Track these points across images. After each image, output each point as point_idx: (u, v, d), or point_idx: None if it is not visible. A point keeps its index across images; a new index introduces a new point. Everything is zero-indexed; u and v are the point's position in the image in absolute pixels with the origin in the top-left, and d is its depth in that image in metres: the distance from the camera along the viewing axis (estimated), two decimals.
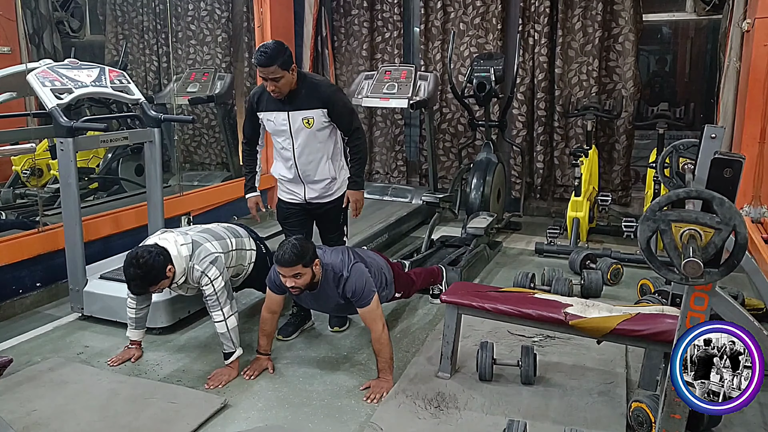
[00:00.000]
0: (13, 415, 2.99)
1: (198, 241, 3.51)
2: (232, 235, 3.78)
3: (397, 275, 3.87)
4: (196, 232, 3.63)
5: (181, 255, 3.39)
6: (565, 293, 4.27)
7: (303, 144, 3.68)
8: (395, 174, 7.51)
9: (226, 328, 3.39)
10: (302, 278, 3.17)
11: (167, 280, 3.34)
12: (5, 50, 6.60)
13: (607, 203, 5.82)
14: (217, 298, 3.39)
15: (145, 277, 3.25)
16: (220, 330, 3.40)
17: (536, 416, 2.95)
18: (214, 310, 3.40)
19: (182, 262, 3.39)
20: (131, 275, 3.25)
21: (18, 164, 6.27)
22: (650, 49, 7.07)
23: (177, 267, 3.36)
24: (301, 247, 3.15)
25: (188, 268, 3.42)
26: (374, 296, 3.29)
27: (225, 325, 3.39)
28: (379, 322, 3.27)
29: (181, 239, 3.46)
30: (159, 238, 3.46)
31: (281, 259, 3.13)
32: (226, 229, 3.83)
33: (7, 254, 4.28)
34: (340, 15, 7.47)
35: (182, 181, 6.52)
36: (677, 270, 2.11)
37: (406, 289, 4.02)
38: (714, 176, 2.20)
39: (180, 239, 3.45)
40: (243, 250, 3.81)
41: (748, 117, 5.14)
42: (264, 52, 3.41)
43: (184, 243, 3.44)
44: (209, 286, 3.38)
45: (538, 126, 6.74)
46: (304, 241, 3.23)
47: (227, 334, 3.40)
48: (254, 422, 3.00)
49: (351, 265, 3.34)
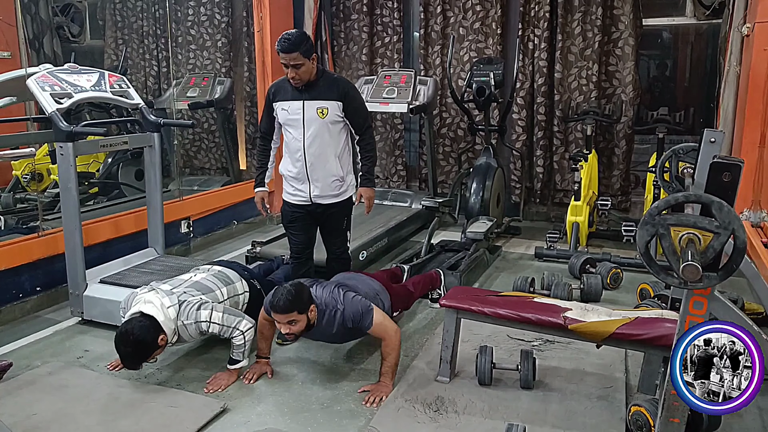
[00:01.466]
0: (13, 419, 2.99)
1: (185, 300, 3.40)
2: (223, 284, 3.70)
3: (393, 293, 3.84)
4: (185, 288, 3.52)
5: (169, 318, 3.29)
6: (565, 297, 4.27)
7: (314, 135, 3.71)
8: (395, 178, 7.51)
9: (243, 341, 3.39)
10: (297, 325, 3.12)
11: (161, 349, 3.28)
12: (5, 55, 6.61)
13: (607, 208, 5.81)
14: (228, 327, 3.36)
15: (137, 354, 3.19)
16: (238, 342, 3.39)
17: (535, 421, 2.94)
18: (232, 334, 3.37)
19: (171, 324, 3.30)
20: (124, 354, 3.18)
21: (18, 169, 6.27)
22: (650, 53, 7.08)
23: (168, 331, 3.27)
24: (296, 293, 3.10)
25: (178, 327, 3.34)
26: (374, 312, 3.26)
27: (243, 338, 3.38)
28: (389, 331, 3.26)
29: (167, 301, 3.34)
30: (144, 302, 3.33)
31: (276, 305, 3.08)
32: (216, 276, 3.74)
33: (7, 259, 4.29)
34: (339, 20, 7.48)
35: (182, 186, 6.54)
36: (676, 274, 2.11)
37: (404, 304, 4.03)
38: (713, 180, 2.20)
39: (166, 301, 3.34)
40: (236, 296, 3.76)
41: (748, 121, 5.14)
42: (287, 39, 3.51)
43: (170, 305, 3.33)
44: (213, 326, 3.34)
45: (537, 130, 6.74)
46: (299, 286, 3.18)
47: (243, 347, 3.39)
48: (253, 426, 3.00)
49: (342, 296, 3.30)
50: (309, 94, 3.69)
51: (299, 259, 4.01)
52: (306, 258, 4.03)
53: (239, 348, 3.40)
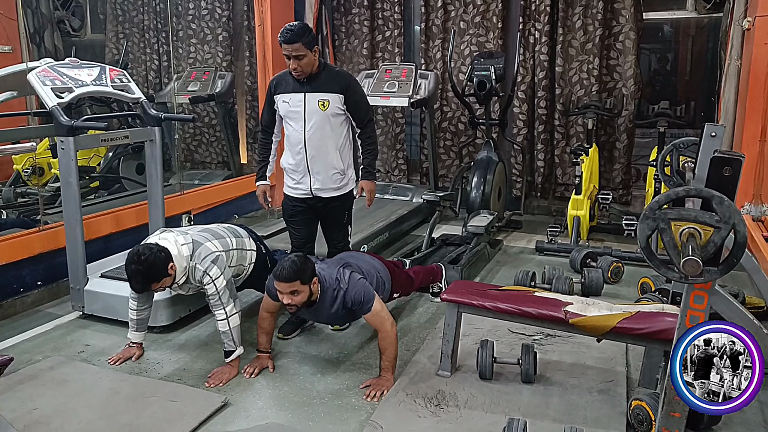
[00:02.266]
0: (14, 413, 2.99)
1: (198, 240, 3.50)
2: (233, 235, 3.78)
3: (394, 275, 3.87)
4: (196, 231, 3.62)
5: (182, 254, 3.38)
6: (566, 292, 4.27)
7: (314, 127, 3.71)
8: (396, 172, 7.51)
9: (228, 327, 3.40)
10: (299, 296, 3.14)
11: (169, 278, 3.33)
12: (6, 49, 6.61)
13: (608, 202, 5.81)
14: (219, 298, 3.39)
15: (147, 273, 3.24)
16: (222, 328, 3.41)
17: (536, 414, 2.95)
18: (217, 309, 3.40)
19: (183, 261, 3.38)
20: (133, 272, 3.24)
21: (19, 163, 6.28)
22: (651, 47, 7.05)
23: (178, 266, 3.35)
24: (300, 264, 3.13)
25: (190, 268, 3.41)
26: (375, 300, 3.28)
27: (227, 324, 3.39)
28: (386, 323, 3.26)
29: (181, 239, 3.44)
30: (159, 238, 3.44)
31: (280, 274, 3.11)
32: (227, 228, 3.83)
33: (8, 253, 4.29)
34: (340, 14, 7.46)
35: (183, 180, 6.54)
36: (677, 268, 2.11)
37: (404, 288, 4.03)
38: (714, 175, 2.20)
39: (180, 239, 3.44)
40: (243, 250, 3.81)
41: (749, 115, 5.14)
42: (290, 30, 3.53)
43: (184, 243, 3.43)
44: (211, 285, 3.38)
45: (538, 124, 6.74)
46: (304, 258, 3.21)
47: (229, 333, 3.40)
48: (254, 421, 3.00)
49: (347, 276, 3.33)
50: (310, 86, 3.69)
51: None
52: (307, 252, 4.02)
53: (225, 336, 3.41)
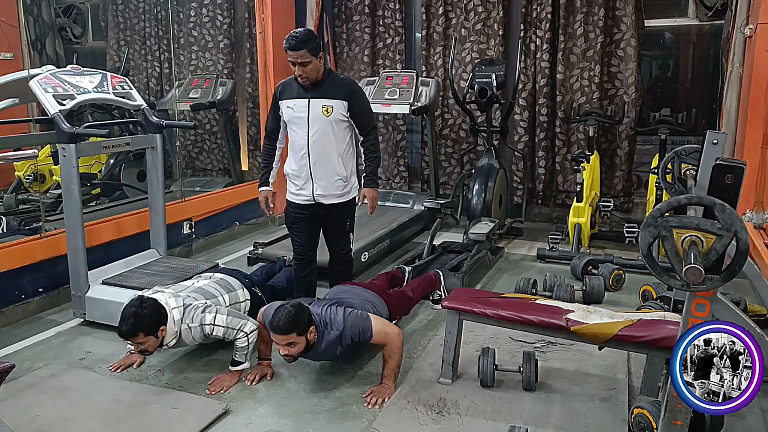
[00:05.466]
0: (15, 421, 2.99)
1: (189, 303, 3.44)
2: (225, 291, 3.74)
3: (392, 303, 3.82)
4: (189, 293, 3.56)
5: (173, 319, 3.33)
6: (567, 299, 4.26)
7: (318, 133, 3.73)
8: (397, 180, 7.51)
9: (247, 343, 3.39)
10: (296, 347, 3.10)
11: (156, 340, 3.27)
12: (8, 56, 6.62)
13: (609, 209, 5.81)
14: (232, 329, 3.37)
15: (142, 319, 3.19)
16: (241, 344, 3.39)
17: (538, 422, 2.94)
18: (236, 336, 3.38)
19: (174, 326, 3.34)
20: (130, 314, 3.19)
21: (21, 170, 6.28)
22: (652, 54, 7.07)
23: (168, 330, 3.31)
24: (295, 315, 3.07)
25: (181, 331, 3.36)
26: (372, 322, 3.25)
27: (247, 340, 3.39)
28: (391, 336, 3.25)
29: (172, 302, 3.39)
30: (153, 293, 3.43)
31: (275, 326, 3.05)
32: (219, 284, 3.78)
33: (10, 260, 4.29)
34: (341, 21, 7.48)
35: (184, 187, 6.55)
36: (678, 276, 2.11)
37: (403, 310, 4.04)
38: (715, 182, 2.20)
39: (171, 302, 3.39)
40: (237, 303, 3.78)
41: (751, 123, 5.14)
42: (295, 37, 3.56)
43: (175, 306, 3.37)
44: (218, 329, 3.36)
45: (539, 132, 6.74)
46: (299, 307, 3.14)
47: (246, 348, 3.40)
48: (255, 428, 3.00)
49: (339, 315, 3.24)
50: (315, 92, 3.71)
51: (302, 261, 4.02)
52: (309, 259, 4.03)
53: (242, 350, 3.40)
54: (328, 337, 3.21)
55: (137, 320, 3.19)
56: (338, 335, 3.21)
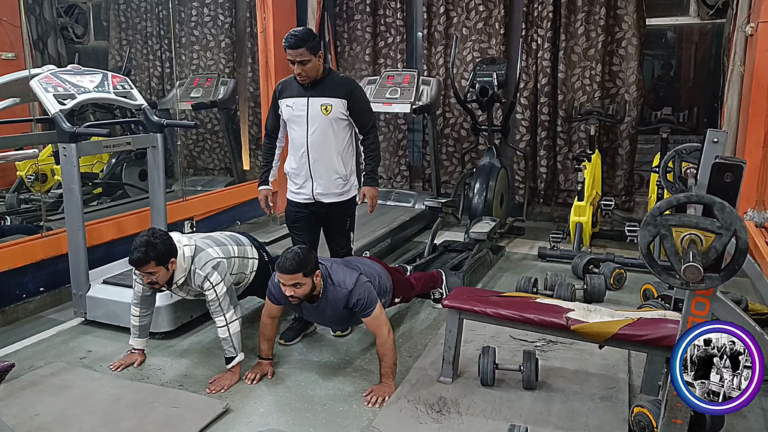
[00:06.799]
0: (15, 420, 2.99)
1: (200, 246, 3.51)
2: (235, 243, 3.79)
3: (396, 280, 3.87)
4: (199, 238, 3.63)
5: (184, 255, 3.40)
6: (568, 298, 4.26)
7: (317, 131, 3.73)
8: (398, 179, 7.51)
9: (228, 333, 3.39)
10: (302, 288, 3.16)
11: (167, 272, 3.33)
12: (9, 56, 6.63)
13: (611, 208, 5.80)
14: (220, 304, 3.39)
15: (153, 248, 3.24)
16: (222, 335, 3.40)
17: (538, 421, 2.94)
18: (217, 315, 3.40)
19: (184, 262, 3.40)
20: (141, 242, 3.24)
21: (22, 169, 6.29)
22: (654, 53, 7.06)
23: (178, 265, 3.37)
24: (303, 256, 3.15)
25: (190, 271, 3.42)
26: (377, 305, 3.30)
27: (227, 330, 3.39)
28: (384, 328, 3.26)
29: (184, 240, 3.47)
30: None
31: (282, 266, 3.13)
32: (229, 236, 3.84)
33: (11, 259, 4.30)
34: (342, 20, 7.48)
35: (185, 186, 6.55)
36: (678, 275, 2.10)
37: (405, 293, 4.04)
38: (715, 181, 2.20)
39: (184, 240, 3.47)
40: (245, 258, 3.81)
41: (752, 122, 5.13)
42: (294, 35, 3.56)
43: (187, 244, 3.45)
44: (211, 291, 3.38)
45: (541, 131, 6.73)
46: (307, 250, 3.23)
47: (229, 339, 3.40)
48: (256, 427, 3.00)
49: (355, 277, 3.34)
50: (314, 90, 3.71)
51: None
52: None
53: (225, 342, 3.41)
54: (335, 294, 3.28)
55: (149, 248, 3.24)
56: (347, 294, 3.27)
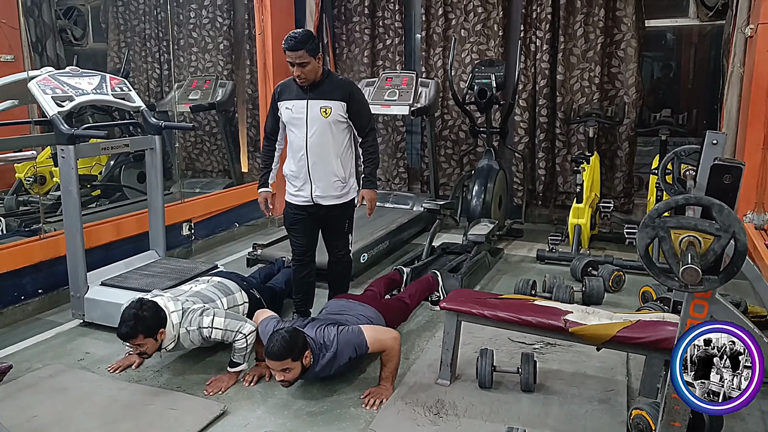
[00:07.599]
0: (13, 421, 2.99)
1: (188, 308, 3.44)
2: (223, 294, 3.75)
3: (389, 315, 3.79)
4: (187, 297, 3.57)
5: (172, 322, 3.34)
6: (567, 300, 4.26)
7: (316, 134, 3.72)
8: (396, 181, 7.51)
9: (245, 344, 3.38)
10: (291, 372, 3.07)
11: (155, 343, 3.27)
12: (8, 58, 6.63)
13: (609, 210, 5.80)
14: (231, 332, 3.36)
15: (142, 321, 3.19)
16: (240, 346, 3.38)
17: (536, 424, 2.93)
18: (236, 338, 3.37)
19: (173, 330, 3.34)
20: (129, 316, 3.19)
21: (21, 171, 6.29)
22: (653, 55, 7.06)
23: (167, 333, 3.31)
24: (290, 341, 3.04)
25: (180, 335, 3.37)
26: (365, 334, 3.22)
27: (245, 341, 3.38)
28: (388, 341, 3.24)
29: (171, 305, 3.39)
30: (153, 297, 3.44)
31: (270, 352, 3.03)
32: (216, 287, 3.79)
33: (9, 261, 4.29)
34: (341, 22, 7.48)
35: (184, 188, 6.54)
36: (676, 277, 2.10)
37: (401, 318, 4.02)
38: (713, 183, 2.19)
39: (170, 305, 3.38)
40: (236, 307, 3.79)
41: (752, 123, 5.13)
42: (294, 37, 3.56)
43: (174, 310, 3.37)
44: (216, 332, 3.36)
45: (539, 133, 6.73)
46: (294, 332, 3.11)
47: (244, 349, 3.39)
48: (253, 429, 3.00)
49: (332, 336, 3.21)
50: (314, 93, 3.71)
51: (301, 262, 4.01)
52: (308, 260, 4.02)
53: (241, 351, 3.39)
54: (322, 360, 3.18)
55: (137, 322, 3.19)
56: (332, 356, 3.18)
